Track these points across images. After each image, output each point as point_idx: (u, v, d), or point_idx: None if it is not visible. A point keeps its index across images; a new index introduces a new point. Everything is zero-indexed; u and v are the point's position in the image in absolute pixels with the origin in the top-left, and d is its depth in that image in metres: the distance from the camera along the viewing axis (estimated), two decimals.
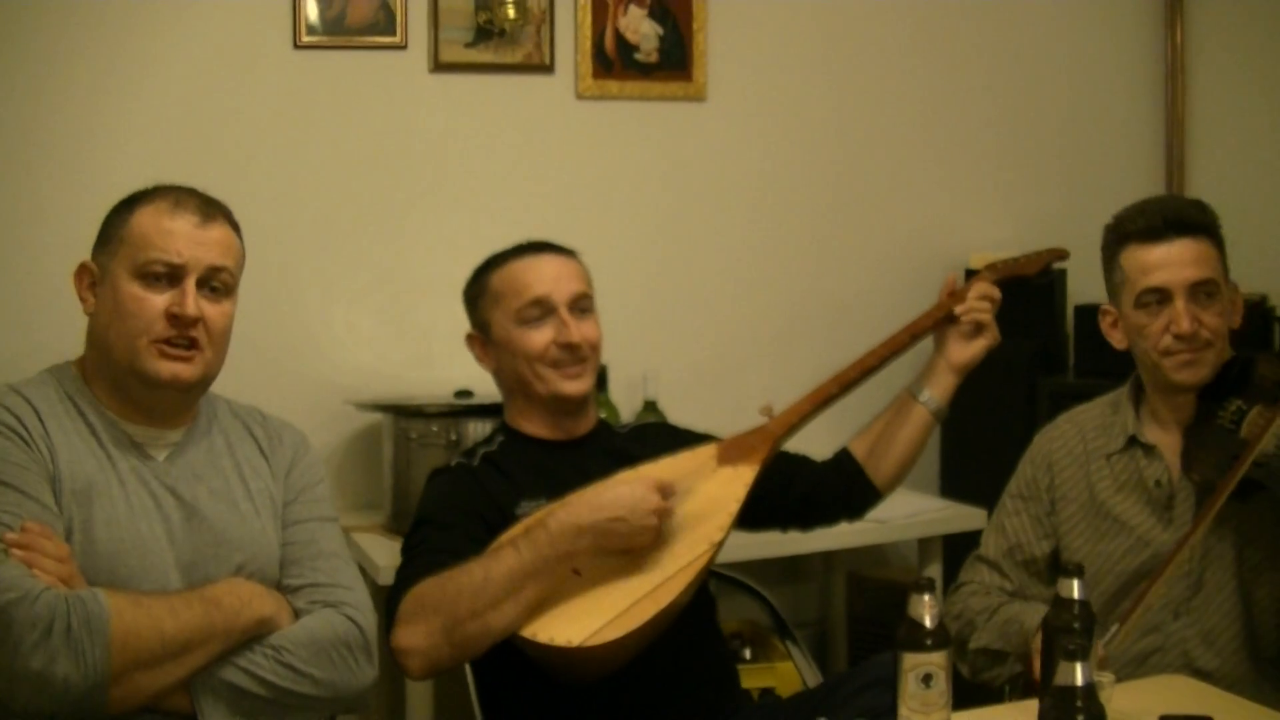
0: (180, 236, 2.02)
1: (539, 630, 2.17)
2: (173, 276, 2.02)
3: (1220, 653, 2.35)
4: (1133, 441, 2.48)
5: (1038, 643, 2.33)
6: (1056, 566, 2.55)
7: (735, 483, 2.39)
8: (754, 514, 2.43)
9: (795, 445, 2.56)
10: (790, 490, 2.57)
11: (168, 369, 2.01)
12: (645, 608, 2.20)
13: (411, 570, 2.24)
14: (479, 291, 2.49)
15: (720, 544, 2.31)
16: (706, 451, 2.45)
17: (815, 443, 2.63)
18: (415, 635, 2.16)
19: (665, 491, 2.25)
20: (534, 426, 2.49)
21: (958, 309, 2.54)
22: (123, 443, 2.04)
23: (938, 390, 2.57)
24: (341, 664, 2.01)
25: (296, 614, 2.05)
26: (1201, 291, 2.37)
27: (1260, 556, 2.35)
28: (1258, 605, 2.35)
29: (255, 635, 1.97)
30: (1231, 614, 2.36)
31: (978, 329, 2.54)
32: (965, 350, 2.55)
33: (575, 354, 2.42)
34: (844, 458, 2.62)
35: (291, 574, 2.11)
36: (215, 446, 2.14)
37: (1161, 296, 2.38)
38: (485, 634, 2.16)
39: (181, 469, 2.07)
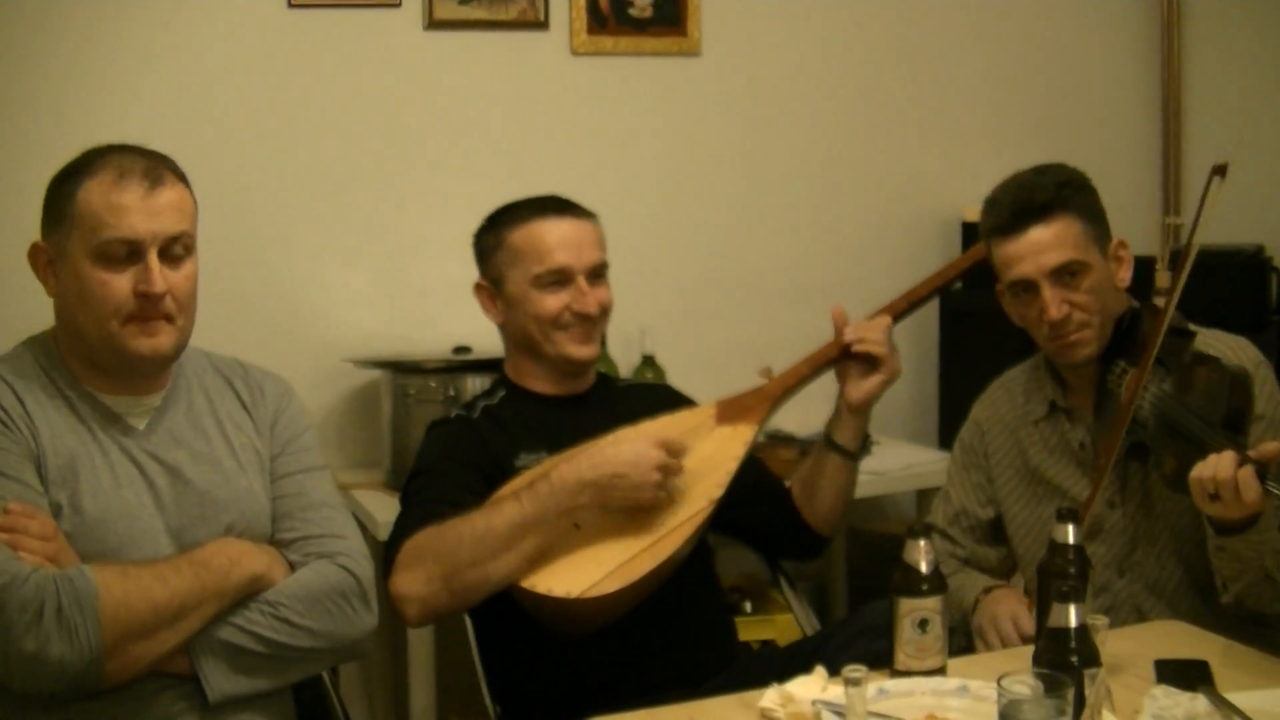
0: (133, 211, 1.94)
1: (538, 581, 2.18)
2: (133, 253, 1.95)
3: (1169, 601, 2.37)
4: (1054, 407, 2.48)
5: (977, 623, 2.38)
6: (998, 532, 2.57)
7: (734, 441, 2.41)
8: (721, 519, 2.41)
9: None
10: (759, 508, 2.58)
11: (147, 345, 1.97)
12: (644, 561, 2.22)
13: (409, 519, 2.25)
14: (495, 244, 2.47)
15: (719, 501, 2.33)
16: (705, 411, 2.47)
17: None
18: (414, 582, 2.17)
19: (672, 449, 2.26)
20: (536, 382, 2.49)
21: (849, 335, 2.49)
22: (102, 415, 2.01)
23: (843, 436, 2.52)
24: (339, 613, 2.01)
25: (292, 567, 2.04)
26: (1065, 272, 2.33)
27: (1187, 504, 2.32)
28: (1196, 550, 2.32)
29: (250, 593, 1.96)
30: (1171, 562, 2.37)
31: (872, 363, 2.48)
32: (860, 388, 2.49)
33: (587, 321, 2.42)
34: (789, 500, 2.60)
35: (283, 528, 2.09)
36: (196, 407, 2.11)
37: (1027, 286, 2.36)
38: (484, 583, 2.17)
39: (162, 435, 2.05)
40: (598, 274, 2.45)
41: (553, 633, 2.28)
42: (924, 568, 1.92)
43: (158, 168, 2.00)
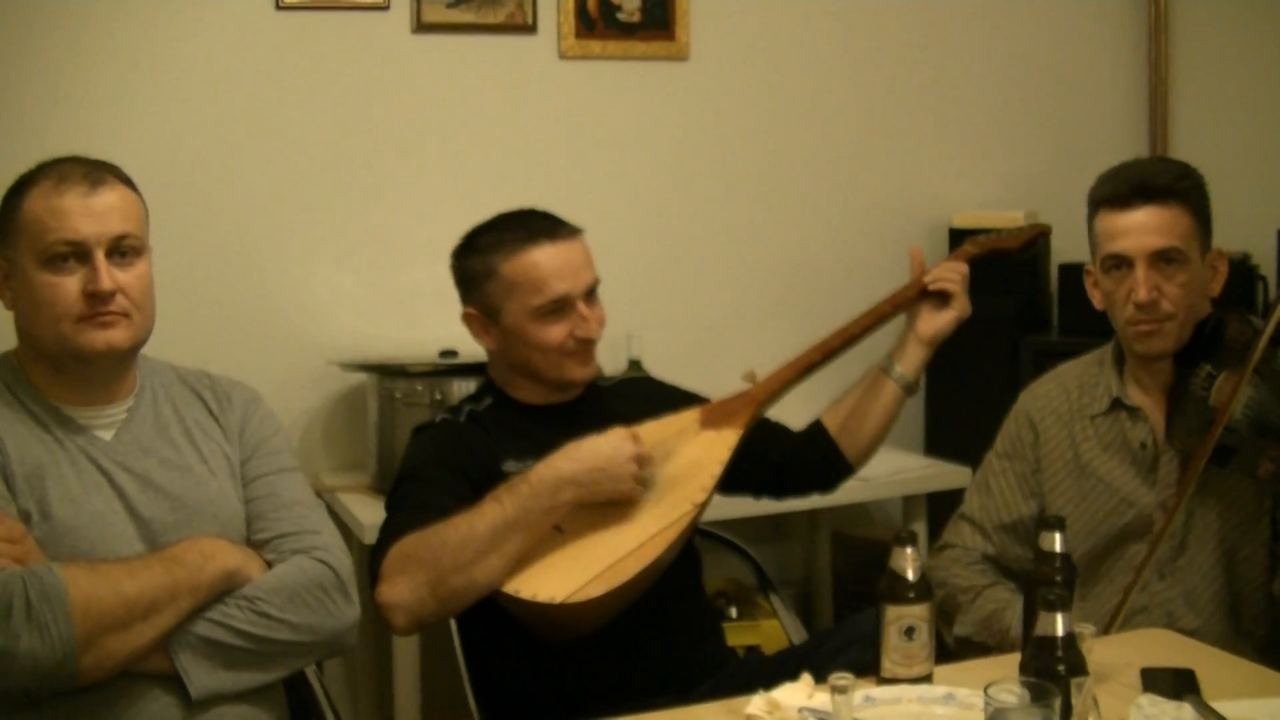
0: (73, 213, 1.96)
1: (522, 586, 2.17)
2: (79, 254, 1.96)
3: (1201, 613, 2.37)
4: (1117, 403, 2.48)
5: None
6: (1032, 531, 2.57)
7: (718, 445, 2.40)
8: (729, 478, 2.43)
9: (776, 412, 2.57)
10: (766, 457, 2.57)
11: (101, 339, 1.97)
12: (628, 565, 2.21)
13: (395, 525, 2.24)
14: (484, 272, 2.39)
15: (703, 505, 2.32)
16: (689, 415, 2.46)
17: (796, 411, 2.64)
18: (400, 590, 2.16)
19: (638, 439, 2.27)
20: (527, 394, 2.47)
21: (926, 277, 2.54)
22: (67, 427, 2.01)
23: (907, 364, 2.56)
24: (318, 606, 2.00)
25: (269, 566, 2.03)
26: (1162, 259, 2.35)
27: (1242, 517, 2.36)
28: (1240, 565, 2.36)
29: (225, 589, 1.95)
30: (1212, 574, 2.37)
31: (946, 300, 2.54)
32: (933, 322, 2.55)
33: (590, 343, 2.41)
34: (817, 430, 2.62)
35: (257, 528, 2.09)
36: (162, 416, 2.11)
37: (1123, 263, 2.37)
38: (470, 588, 2.16)
39: (130, 445, 2.04)
40: (593, 293, 2.42)
41: (539, 639, 2.27)
42: (910, 575, 1.91)
43: (98, 171, 2.02)
